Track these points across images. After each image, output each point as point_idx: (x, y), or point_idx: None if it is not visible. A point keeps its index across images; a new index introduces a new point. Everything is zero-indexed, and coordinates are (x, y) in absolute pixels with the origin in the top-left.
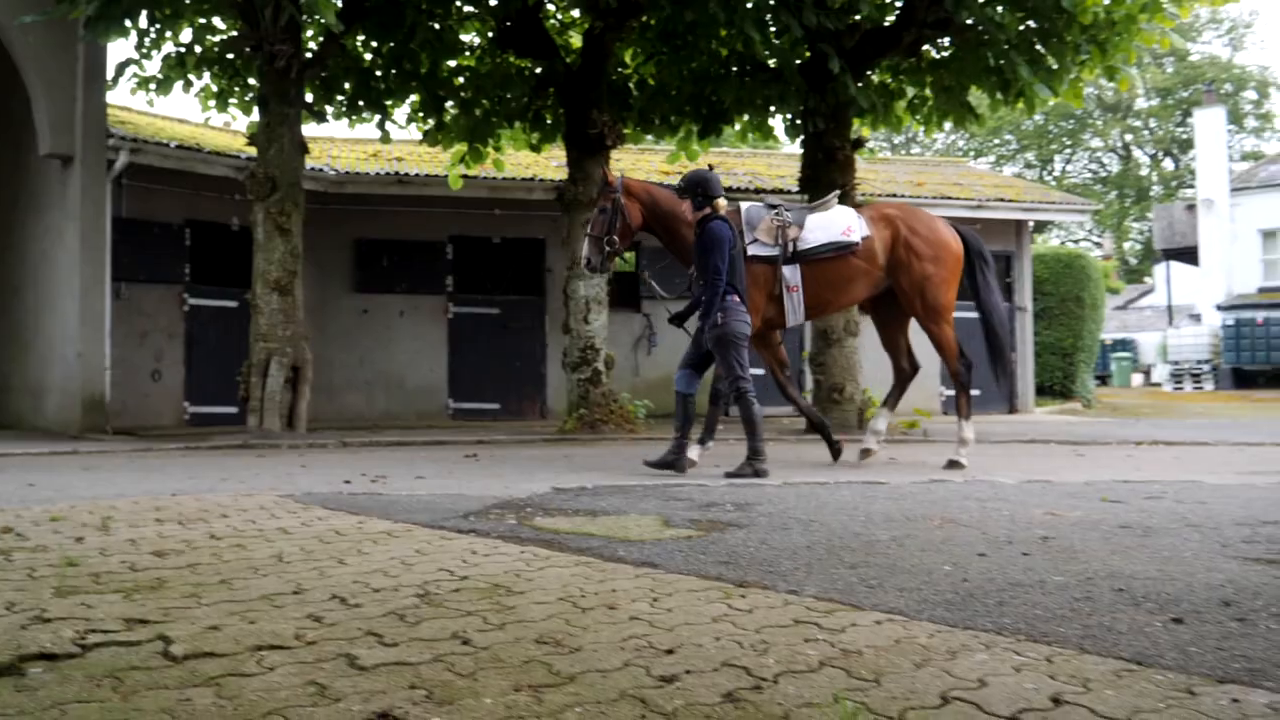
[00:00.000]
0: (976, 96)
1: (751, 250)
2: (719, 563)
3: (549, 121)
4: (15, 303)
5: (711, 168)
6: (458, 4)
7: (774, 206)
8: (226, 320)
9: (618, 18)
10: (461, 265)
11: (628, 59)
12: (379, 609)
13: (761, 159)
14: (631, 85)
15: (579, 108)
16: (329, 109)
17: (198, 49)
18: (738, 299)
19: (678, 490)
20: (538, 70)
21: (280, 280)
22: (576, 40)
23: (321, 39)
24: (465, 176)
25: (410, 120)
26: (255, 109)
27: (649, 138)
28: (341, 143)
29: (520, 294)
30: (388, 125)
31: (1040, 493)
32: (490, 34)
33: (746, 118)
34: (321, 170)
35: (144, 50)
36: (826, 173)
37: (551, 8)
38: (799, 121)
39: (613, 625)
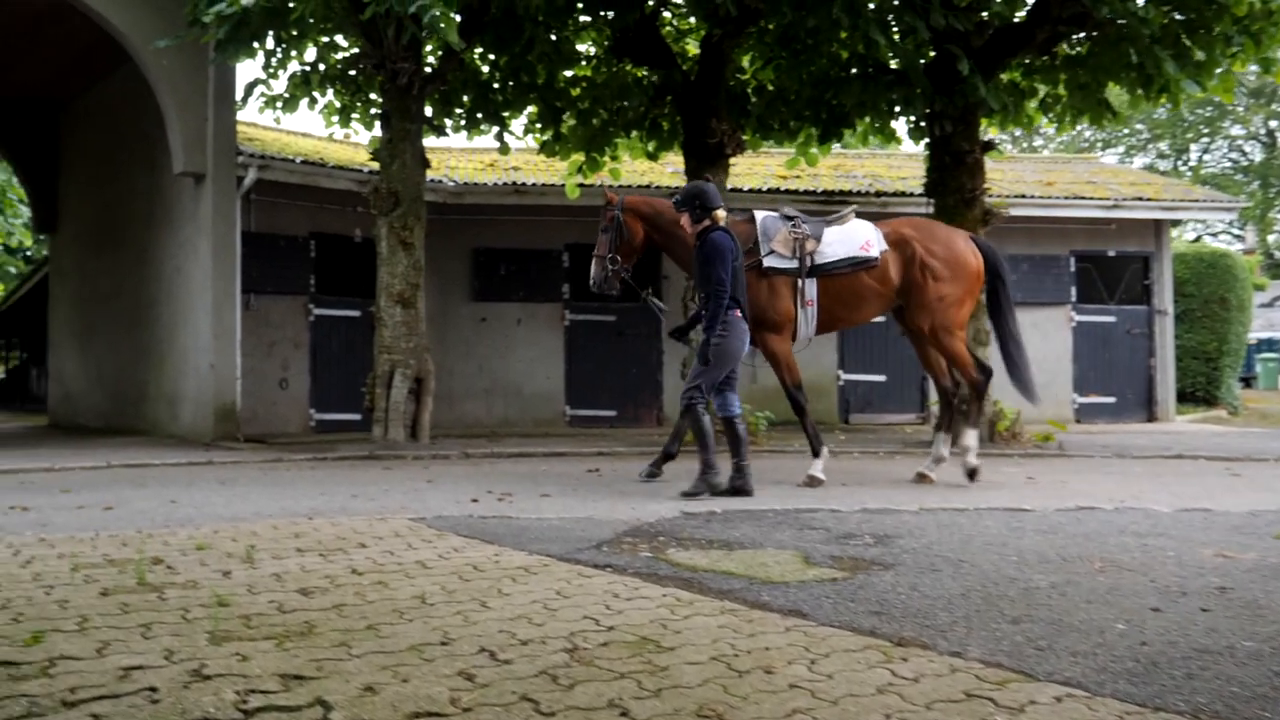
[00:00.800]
0: (1114, 93)
1: (768, 262)
2: (871, 613)
3: (666, 129)
4: (151, 315)
5: (708, 179)
6: (575, 15)
7: (790, 217)
8: (349, 329)
9: (736, 25)
10: (578, 272)
11: (745, 64)
12: (529, 666)
13: (881, 160)
14: (749, 91)
15: (697, 116)
16: (448, 122)
17: (321, 67)
18: (739, 313)
19: (810, 518)
20: (654, 79)
21: (403, 293)
22: (693, 48)
23: (441, 54)
24: (582, 185)
25: (527, 131)
26: (377, 124)
27: (766, 143)
28: (458, 153)
29: (636, 301)
30: (506, 136)
31: (1203, 525)
32: (606, 43)
33: (868, 120)
34: (441, 182)
35: (271, 70)
36: (954, 177)
37: (668, 15)
38: (922, 124)
39: (773, 694)
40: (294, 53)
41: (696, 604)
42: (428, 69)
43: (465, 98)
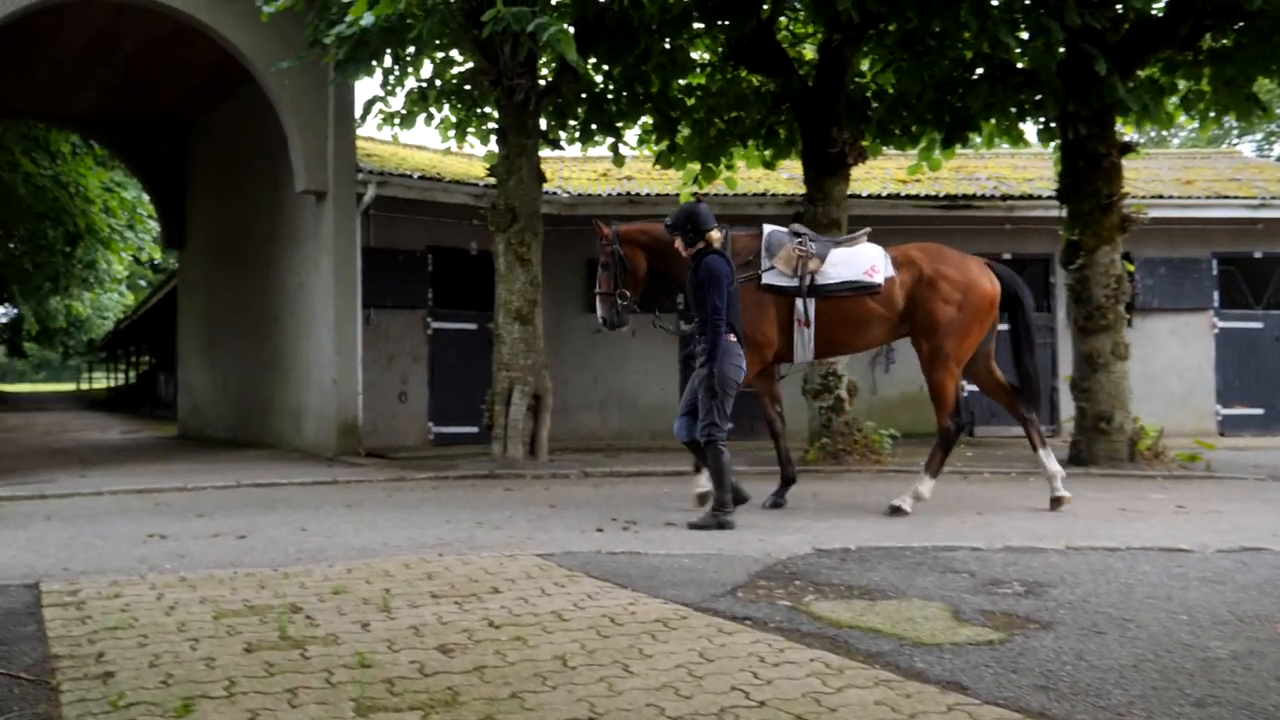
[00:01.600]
0: (1263, 86)
1: (767, 279)
2: (1037, 687)
3: (783, 136)
4: (275, 330)
5: (700, 200)
6: (691, 25)
7: (799, 235)
8: (466, 342)
9: (857, 29)
10: None
11: (864, 68)
12: None
13: (1005, 160)
14: (869, 95)
15: (816, 124)
16: (562, 134)
17: (438, 83)
18: (734, 339)
19: (950, 558)
20: (771, 87)
21: (521, 310)
22: (809, 52)
23: (556, 68)
24: (696, 194)
25: (641, 141)
26: (492, 139)
27: (886, 149)
28: (571, 163)
29: None
30: (620, 147)
31: None
32: (720, 49)
33: (993, 122)
34: (555, 194)
35: (389, 88)
36: (1089, 182)
37: (784, 19)
38: (1053, 125)
39: None
40: (411, 70)
41: (847, 672)
42: (542, 83)
43: (579, 110)
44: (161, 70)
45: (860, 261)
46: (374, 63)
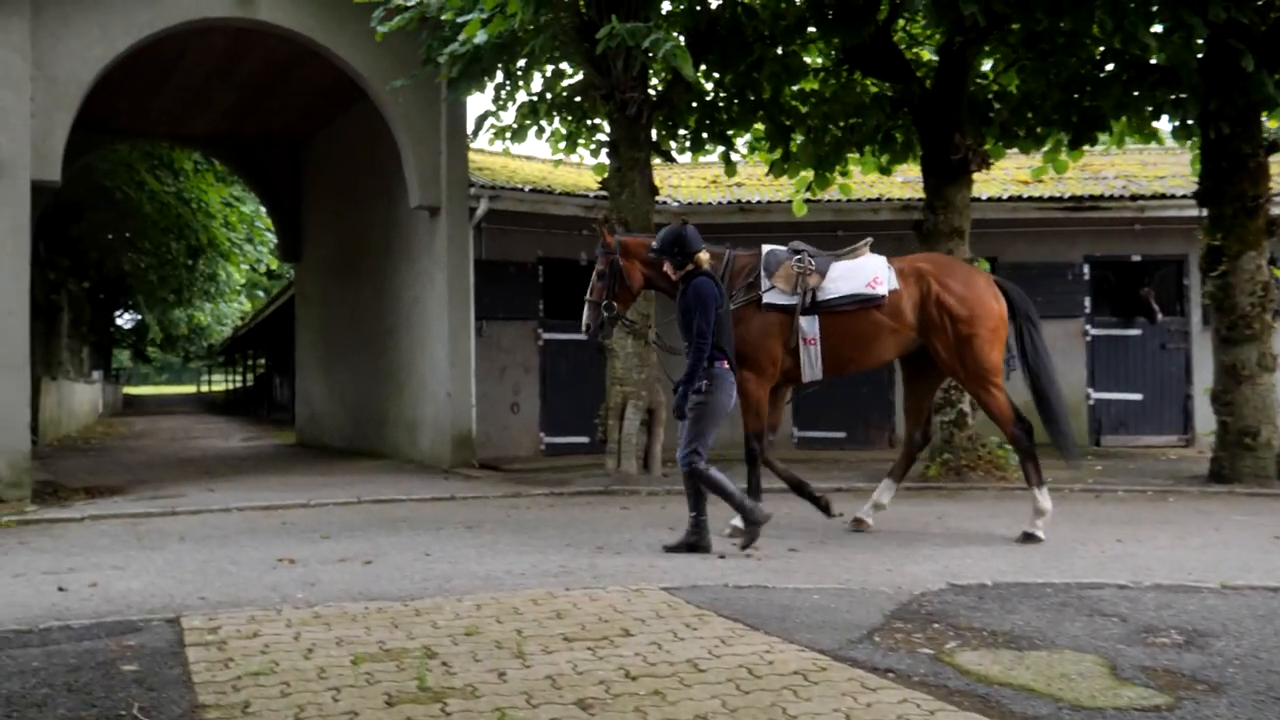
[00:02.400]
0: None
1: (768, 298)
2: None
3: (899, 141)
4: (390, 343)
5: (685, 222)
6: (806, 32)
7: (798, 252)
8: (576, 353)
9: (980, 31)
10: None
11: (985, 68)
12: None
13: (1134, 156)
14: (990, 97)
15: (936, 130)
16: (673, 144)
17: (548, 96)
18: (726, 364)
19: (1097, 599)
20: (889, 92)
21: (634, 324)
22: (926, 54)
23: (668, 79)
24: (809, 200)
25: (753, 149)
26: (603, 151)
27: (1009, 151)
28: (679, 170)
29: None
30: (731, 155)
31: None
32: (833, 53)
33: (1125, 121)
34: (665, 203)
35: (500, 102)
36: (1233, 183)
37: (901, 20)
38: (1191, 123)
39: None
40: (521, 84)
41: None
42: (653, 95)
43: (690, 119)
44: (278, 91)
45: (862, 274)
46: (486, 78)
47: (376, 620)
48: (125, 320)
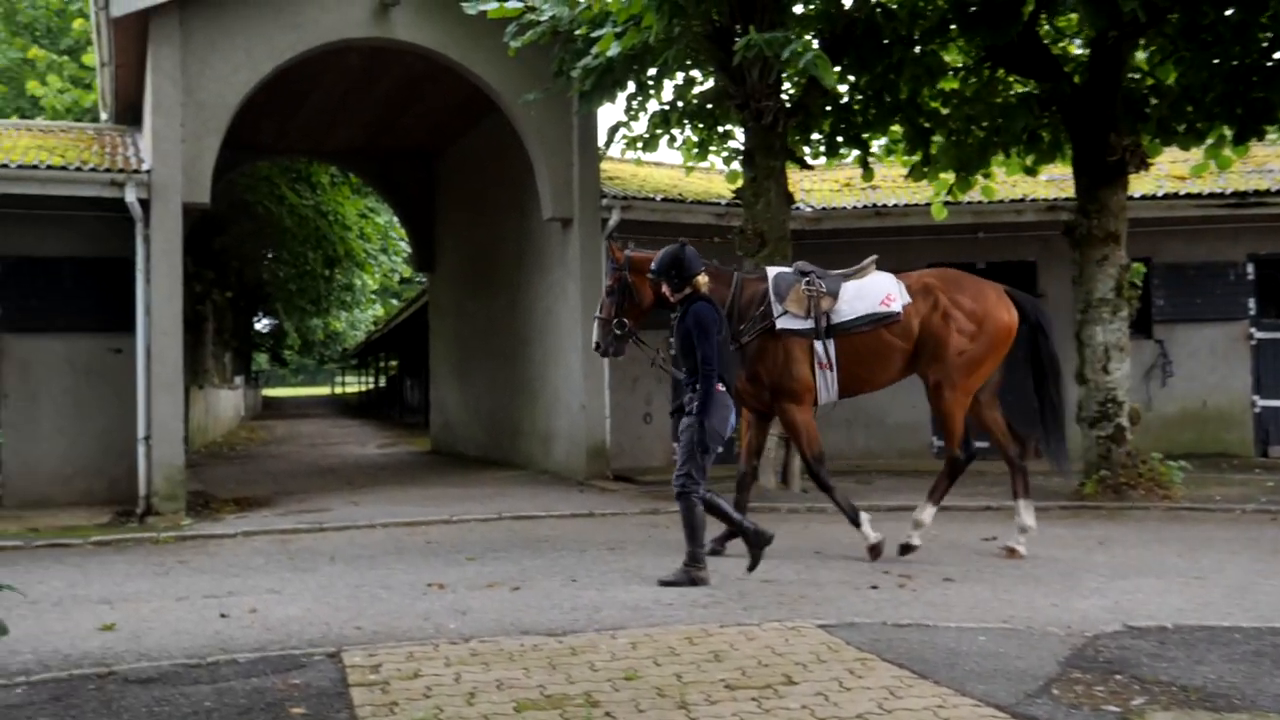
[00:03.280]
0: None
1: (781, 324)
2: None
3: (1046, 140)
4: (524, 354)
5: (684, 243)
6: (949, 31)
7: (805, 274)
8: None
9: (1138, 25)
10: None
11: (1139, 59)
12: None
13: None
14: (1146, 92)
15: (1088, 129)
16: (806, 150)
17: (679, 104)
18: (723, 389)
19: None
20: (1036, 91)
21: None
22: (1074, 48)
23: (803, 84)
24: (949, 203)
25: (889, 151)
26: (735, 159)
27: (1167, 149)
28: (810, 173)
29: None
30: (867, 158)
31: None
32: (974, 51)
33: None
34: (799, 209)
35: (632, 112)
36: None
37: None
38: None
39: None
40: (653, 93)
41: None
42: (786, 100)
43: (824, 123)
44: (412, 106)
45: (875, 292)
46: (617, 89)
47: (533, 660)
48: (263, 325)
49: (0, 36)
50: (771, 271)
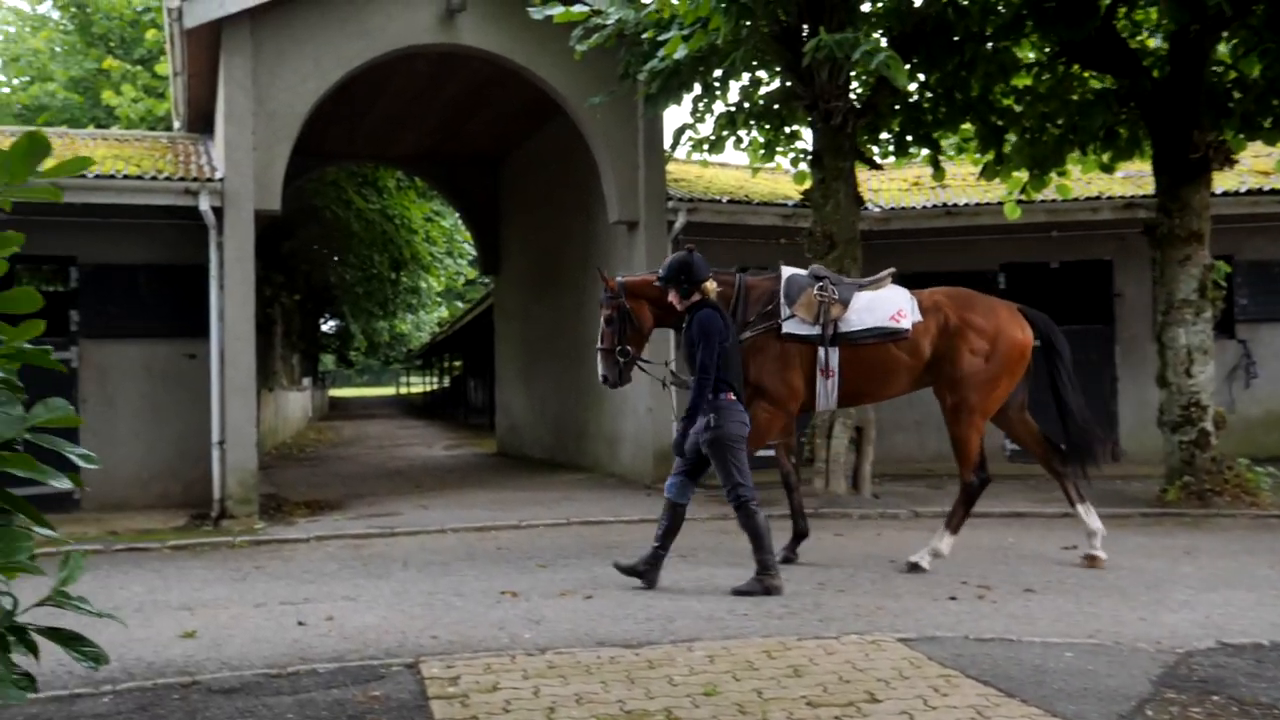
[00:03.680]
0: None
1: (788, 327)
2: None
3: (1124, 136)
4: (589, 356)
5: (692, 250)
6: (1024, 27)
7: (820, 278)
8: None
9: (1223, 17)
10: (1015, 294)
11: (1223, 54)
12: None
13: None
14: (1229, 86)
15: (1169, 125)
16: (875, 150)
17: (745, 105)
18: (733, 397)
19: None
20: (1113, 88)
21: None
22: (1153, 42)
23: (872, 84)
24: (1021, 202)
25: (960, 150)
26: (802, 160)
27: (1252, 144)
28: (877, 173)
29: (1083, 322)
30: (938, 158)
31: None
32: (1049, 48)
33: None
34: (867, 209)
35: (698, 114)
36: None
37: (1124, 8)
38: None
39: None
40: (719, 94)
41: None
42: (854, 99)
43: (893, 122)
44: (478, 110)
45: (886, 306)
46: (683, 91)
47: (611, 673)
48: (329, 327)
49: (76, 47)
50: (786, 272)
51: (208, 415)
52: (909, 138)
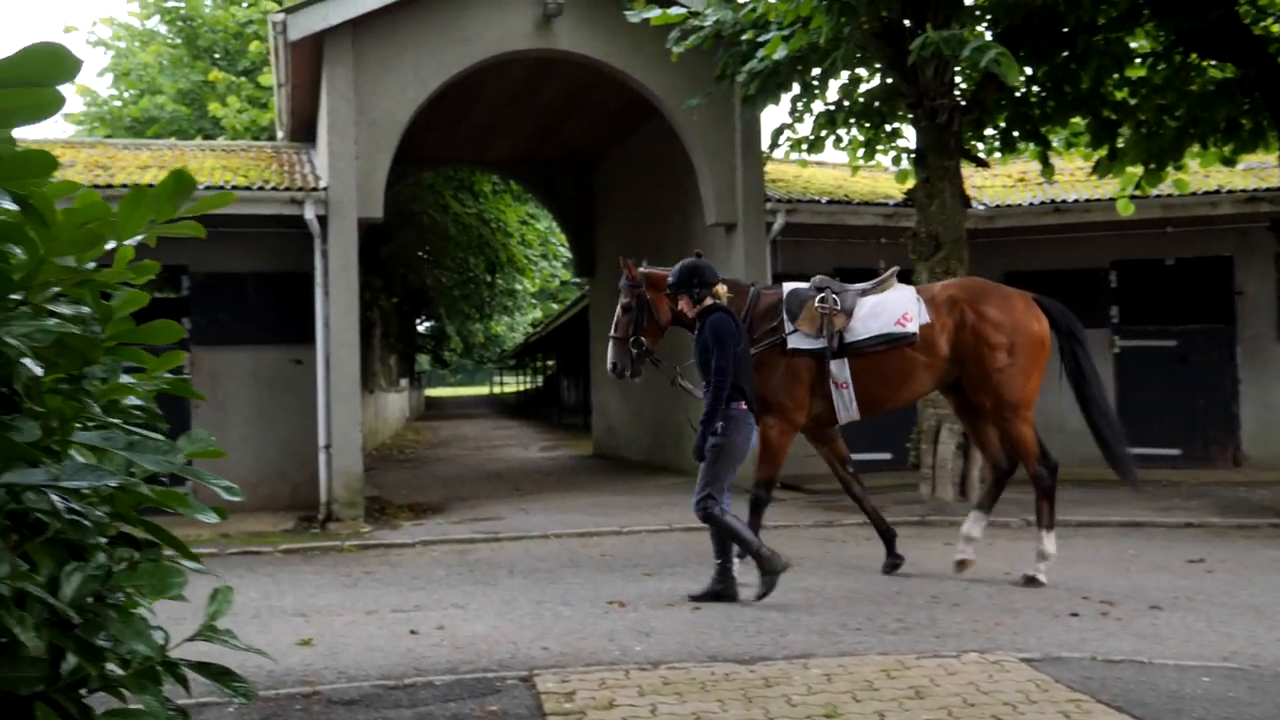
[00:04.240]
0: None
1: (792, 342)
2: None
3: (1246, 128)
4: (687, 358)
5: (700, 254)
6: (1140, 18)
7: (822, 289)
8: None
9: None
10: (1128, 293)
11: None
12: None
13: None
14: None
15: None
16: (980, 146)
17: (845, 103)
18: (744, 405)
19: None
20: (1231, 74)
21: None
22: (1277, 27)
23: (977, 78)
24: (1135, 197)
25: (1070, 145)
26: (904, 158)
27: None
28: (981, 170)
29: (1202, 321)
30: (1047, 154)
31: None
32: (1164, 36)
33: None
34: (972, 207)
35: (796, 114)
36: None
37: None
38: None
39: None
40: (818, 93)
41: None
42: (958, 95)
43: (999, 118)
44: (573, 114)
45: (891, 310)
46: (781, 91)
47: (727, 690)
48: (424, 327)
49: (183, 61)
50: (787, 287)
51: (313, 420)
52: (1016, 133)
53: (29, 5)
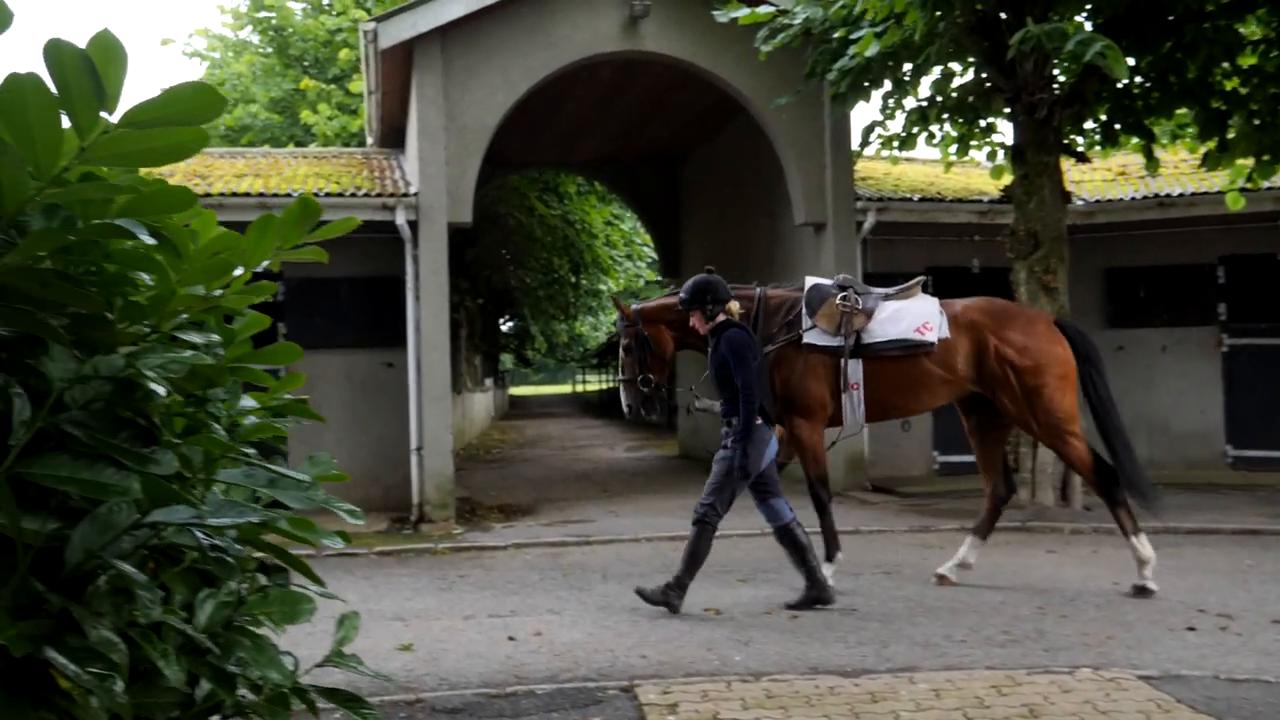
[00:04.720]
0: None
1: (809, 338)
2: None
3: None
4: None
5: (711, 270)
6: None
7: (844, 288)
8: None
9: None
10: (1237, 290)
11: None
12: None
13: None
14: None
15: None
16: (1080, 140)
17: (938, 99)
18: (761, 421)
19: None
20: None
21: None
22: None
23: (1076, 70)
24: (1245, 190)
25: (1175, 137)
26: (999, 154)
27: None
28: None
29: None
30: (1151, 147)
31: None
32: (1276, 22)
33: None
34: (1072, 203)
35: (888, 111)
36: None
37: None
38: None
39: None
40: (909, 90)
41: None
42: (1058, 89)
43: (1099, 110)
44: (658, 114)
45: (912, 317)
46: (872, 89)
47: (833, 706)
48: (508, 326)
49: (275, 69)
50: (809, 282)
51: (405, 422)
52: (1118, 126)
53: (128, 20)
